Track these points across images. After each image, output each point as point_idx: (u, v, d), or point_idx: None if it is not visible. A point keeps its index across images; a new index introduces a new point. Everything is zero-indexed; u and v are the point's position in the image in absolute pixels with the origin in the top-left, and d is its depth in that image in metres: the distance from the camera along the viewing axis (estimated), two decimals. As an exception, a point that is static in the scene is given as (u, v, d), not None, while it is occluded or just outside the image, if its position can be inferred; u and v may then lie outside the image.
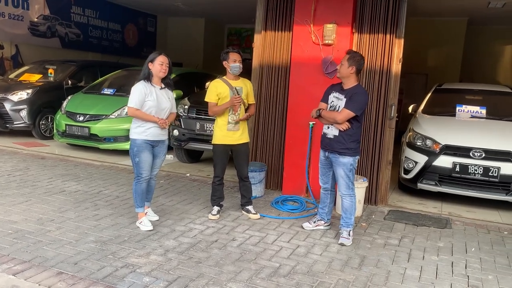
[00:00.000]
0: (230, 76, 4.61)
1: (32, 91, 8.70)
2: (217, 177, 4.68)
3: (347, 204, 4.21)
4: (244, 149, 4.72)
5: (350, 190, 4.20)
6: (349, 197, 4.20)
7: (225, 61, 4.58)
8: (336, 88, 4.26)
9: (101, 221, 4.35)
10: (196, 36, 15.22)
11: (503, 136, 5.72)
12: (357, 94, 4.05)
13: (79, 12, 12.85)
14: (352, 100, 4.02)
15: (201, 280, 3.25)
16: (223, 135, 4.58)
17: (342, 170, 4.15)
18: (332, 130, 4.17)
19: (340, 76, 4.17)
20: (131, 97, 4.09)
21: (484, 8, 9.87)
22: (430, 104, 6.84)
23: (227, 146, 4.63)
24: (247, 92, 4.66)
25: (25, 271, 3.23)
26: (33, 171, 6.12)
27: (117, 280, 3.19)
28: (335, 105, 4.17)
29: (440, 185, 5.67)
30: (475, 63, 12.30)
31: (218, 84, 4.59)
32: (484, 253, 4.14)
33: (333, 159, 4.20)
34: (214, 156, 4.69)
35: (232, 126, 4.57)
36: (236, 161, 4.75)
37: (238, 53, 4.60)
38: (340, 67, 4.15)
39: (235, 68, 4.54)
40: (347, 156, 4.11)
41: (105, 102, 7.90)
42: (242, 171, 4.76)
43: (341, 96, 4.12)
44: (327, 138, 4.22)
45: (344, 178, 4.17)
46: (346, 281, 3.39)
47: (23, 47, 11.32)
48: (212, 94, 4.56)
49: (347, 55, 4.14)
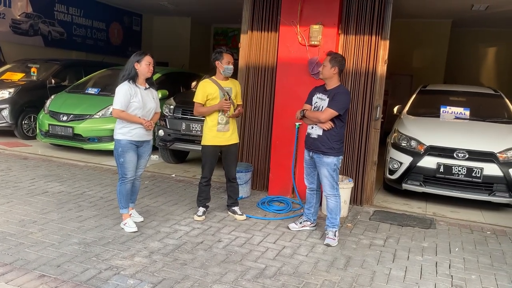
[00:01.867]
0: (220, 76, 4.56)
1: (14, 90, 8.54)
2: (204, 178, 4.65)
3: (332, 205, 4.23)
4: (233, 149, 4.70)
5: (334, 190, 4.22)
6: (334, 197, 4.22)
7: (218, 61, 4.50)
8: (320, 89, 4.31)
9: (84, 223, 4.29)
10: (182, 36, 15.13)
11: (486, 137, 5.81)
12: (339, 94, 4.10)
13: (63, 10, 12.66)
14: (335, 99, 4.07)
15: (186, 282, 3.23)
16: (213, 136, 4.55)
17: (326, 170, 4.17)
18: (316, 130, 4.20)
19: (323, 78, 4.21)
20: (116, 98, 4.02)
21: (467, 11, 10.01)
22: (415, 105, 6.91)
23: (217, 147, 4.60)
24: (236, 92, 4.63)
25: (6, 274, 3.17)
26: (15, 172, 6.01)
27: (101, 282, 3.14)
28: (318, 106, 4.21)
29: (425, 186, 5.72)
30: (459, 65, 12.47)
31: (207, 84, 4.54)
32: (468, 253, 4.19)
33: (317, 159, 4.22)
34: (203, 157, 4.65)
35: (222, 126, 4.54)
36: (225, 162, 4.73)
37: (232, 54, 4.56)
38: (322, 68, 4.18)
39: (229, 70, 4.50)
40: (331, 156, 4.14)
41: (89, 101, 7.80)
42: (230, 171, 4.74)
43: (324, 97, 4.17)
44: (311, 138, 4.25)
45: (328, 178, 4.19)
46: (332, 282, 3.40)
47: (5, 46, 11.11)
48: (200, 94, 4.51)
49: (328, 56, 4.20)
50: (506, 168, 5.40)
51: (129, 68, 4.08)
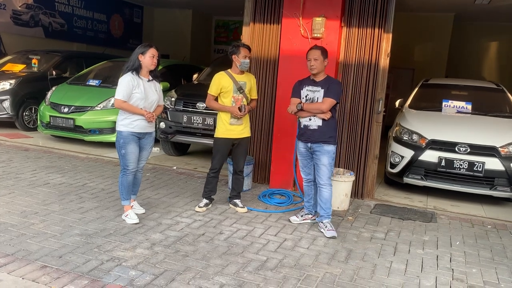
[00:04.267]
0: (235, 70, 4.56)
1: (15, 82, 8.53)
2: (213, 169, 4.67)
3: (327, 194, 4.29)
4: (244, 143, 4.74)
5: (329, 179, 4.31)
6: (329, 187, 4.29)
7: (235, 55, 4.50)
8: (306, 82, 4.37)
9: (86, 214, 4.29)
10: (184, 28, 15.07)
11: (488, 131, 5.80)
12: (334, 83, 4.29)
13: (63, 1, 12.61)
14: (331, 89, 4.20)
15: (188, 274, 3.23)
16: (226, 129, 4.56)
17: (326, 158, 4.24)
18: (316, 121, 4.24)
19: (317, 72, 4.25)
20: (118, 89, 4.02)
21: (470, 4, 9.96)
22: (417, 99, 6.89)
23: (229, 140, 4.62)
24: (251, 87, 4.64)
25: (8, 264, 3.17)
26: (16, 163, 6.01)
27: (102, 273, 3.15)
28: (311, 97, 4.27)
29: (426, 180, 5.72)
30: (461, 59, 12.43)
31: (222, 77, 4.54)
32: (468, 247, 4.20)
33: (317, 149, 4.26)
34: (214, 149, 4.68)
35: (235, 120, 4.56)
36: (234, 154, 4.76)
37: (249, 48, 4.56)
38: (314, 63, 4.21)
39: (245, 64, 4.51)
40: (331, 144, 4.24)
41: (91, 93, 7.79)
42: (238, 164, 4.76)
43: (317, 88, 4.25)
44: (310, 130, 4.27)
45: (327, 166, 4.26)
46: (333, 275, 3.40)
47: (5, 37, 11.07)
48: (214, 86, 4.54)
49: (317, 50, 4.25)
50: (508, 162, 5.39)
51: (133, 59, 4.09)
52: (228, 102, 4.52)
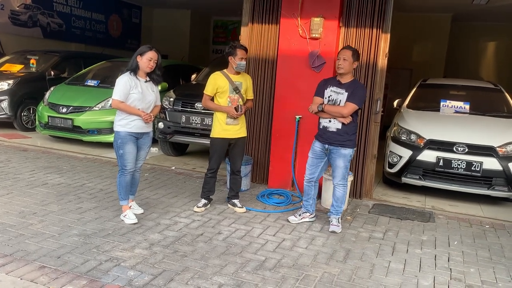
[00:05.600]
0: (231, 70, 4.56)
1: (13, 82, 8.51)
2: (211, 169, 4.67)
3: (340, 194, 4.34)
4: (241, 143, 4.74)
5: (344, 180, 4.34)
6: (342, 187, 4.34)
7: (231, 56, 4.50)
8: (332, 82, 4.31)
9: (84, 214, 4.29)
10: (182, 28, 15.07)
11: (486, 131, 5.81)
12: (359, 88, 4.20)
13: (62, 1, 12.58)
14: (355, 94, 4.14)
15: (187, 274, 3.24)
16: (222, 129, 4.56)
17: (342, 161, 4.25)
18: (335, 123, 4.23)
19: (343, 72, 4.19)
20: (116, 89, 4.03)
21: (468, 4, 9.97)
22: (415, 99, 6.90)
23: (226, 140, 4.62)
24: (247, 87, 4.64)
25: (7, 265, 3.17)
26: (15, 163, 6.00)
27: (101, 274, 3.15)
28: (334, 99, 4.23)
29: (424, 179, 5.73)
30: (459, 59, 12.44)
31: (218, 77, 4.54)
32: (466, 247, 4.21)
33: (334, 151, 4.27)
34: (211, 149, 4.68)
35: (231, 120, 4.55)
36: (231, 154, 4.76)
37: (245, 49, 4.56)
38: (343, 63, 4.16)
39: (241, 66, 4.51)
40: (348, 148, 4.24)
41: (89, 93, 7.78)
42: (235, 164, 4.77)
43: (341, 90, 4.20)
44: (329, 132, 4.26)
45: (343, 168, 4.28)
46: (331, 274, 3.41)
47: (3, 37, 11.05)
48: (210, 86, 4.54)
49: (348, 50, 4.19)
50: (506, 162, 5.41)
51: (132, 59, 4.10)
52: (224, 102, 4.52)
